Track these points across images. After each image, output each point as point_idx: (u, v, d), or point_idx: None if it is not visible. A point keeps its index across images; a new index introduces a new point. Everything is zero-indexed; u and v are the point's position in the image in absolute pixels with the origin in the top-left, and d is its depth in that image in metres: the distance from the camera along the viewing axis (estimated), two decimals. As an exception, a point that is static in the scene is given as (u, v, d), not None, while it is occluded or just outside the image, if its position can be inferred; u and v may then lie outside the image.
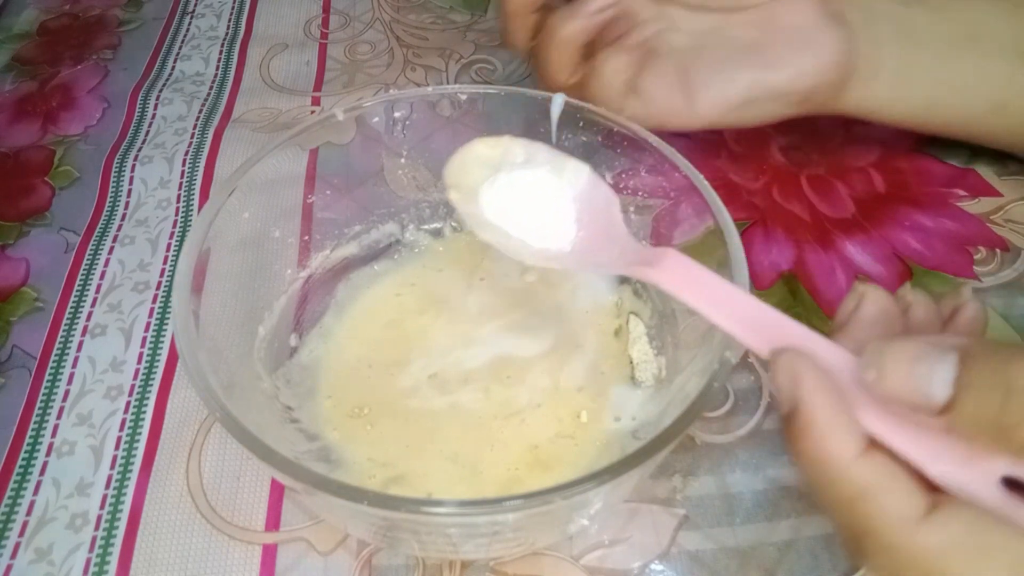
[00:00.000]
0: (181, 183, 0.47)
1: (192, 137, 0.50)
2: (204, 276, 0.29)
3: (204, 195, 0.46)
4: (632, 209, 0.37)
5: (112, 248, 0.44)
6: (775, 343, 0.22)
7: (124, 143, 0.50)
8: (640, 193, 0.36)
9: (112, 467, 0.35)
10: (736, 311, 0.24)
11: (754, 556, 0.31)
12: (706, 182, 0.31)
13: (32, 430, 0.36)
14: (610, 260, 0.29)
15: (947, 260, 0.41)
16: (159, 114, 0.52)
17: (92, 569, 0.32)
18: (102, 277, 0.42)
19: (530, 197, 0.31)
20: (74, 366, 0.38)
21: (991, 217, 0.44)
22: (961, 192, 0.45)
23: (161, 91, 0.54)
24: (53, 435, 0.36)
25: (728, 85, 0.36)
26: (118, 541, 0.32)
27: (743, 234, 0.29)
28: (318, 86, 0.54)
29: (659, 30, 0.38)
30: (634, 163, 0.35)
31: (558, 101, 0.35)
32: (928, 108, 0.39)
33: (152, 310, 0.41)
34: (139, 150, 0.50)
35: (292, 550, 0.32)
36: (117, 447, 0.35)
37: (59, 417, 0.36)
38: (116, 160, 0.49)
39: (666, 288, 0.25)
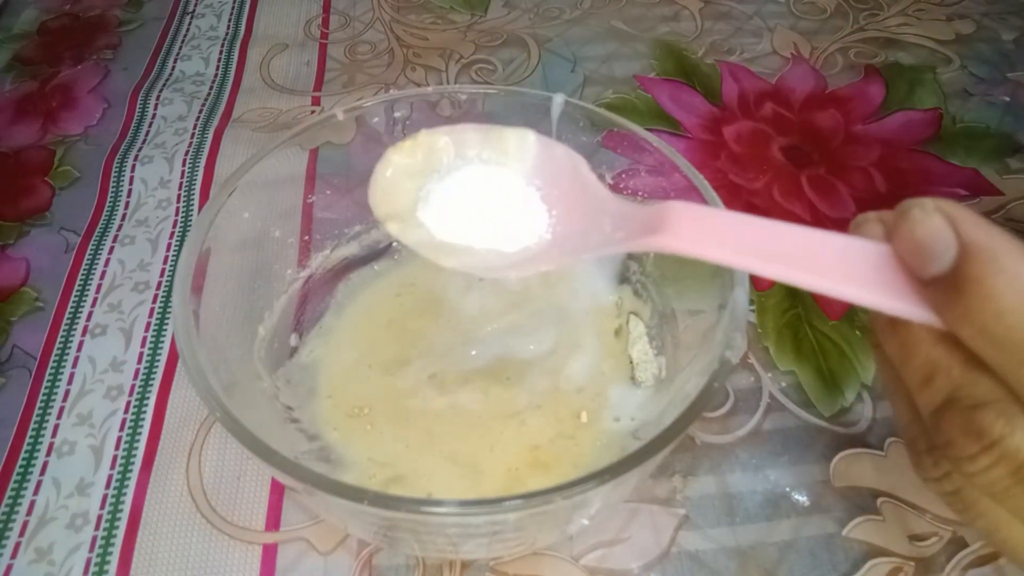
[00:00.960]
0: (181, 183, 0.47)
1: (192, 137, 0.50)
2: (204, 276, 0.29)
3: (204, 195, 0.46)
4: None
5: (112, 248, 0.44)
6: (850, 276, 0.19)
7: (124, 143, 0.50)
8: (640, 193, 0.36)
9: (112, 467, 0.35)
10: (785, 250, 0.20)
11: (754, 556, 0.31)
12: (706, 182, 0.31)
13: (32, 430, 0.36)
14: (603, 237, 0.24)
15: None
16: (159, 114, 0.52)
17: (92, 569, 0.32)
18: (102, 277, 0.42)
19: (478, 195, 0.26)
20: (74, 366, 0.38)
21: (992, 216, 0.44)
22: (962, 191, 0.45)
23: (161, 91, 0.54)
24: (53, 435, 0.36)
25: None
26: (118, 541, 0.32)
27: (743, 234, 0.28)
28: (318, 86, 0.54)
29: None
30: (634, 163, 0.35)
31: (558, 101, 0.35)
32: None
33: (152, 310, 0.41)
34: (139, 150, 0.50)
35: (292, 550, 0.32)
36: (117, 447, 0.35)
37: (59, 417, 0.36)
38: (116, 160, 0.49)
39: (685, 252, 0.21)
